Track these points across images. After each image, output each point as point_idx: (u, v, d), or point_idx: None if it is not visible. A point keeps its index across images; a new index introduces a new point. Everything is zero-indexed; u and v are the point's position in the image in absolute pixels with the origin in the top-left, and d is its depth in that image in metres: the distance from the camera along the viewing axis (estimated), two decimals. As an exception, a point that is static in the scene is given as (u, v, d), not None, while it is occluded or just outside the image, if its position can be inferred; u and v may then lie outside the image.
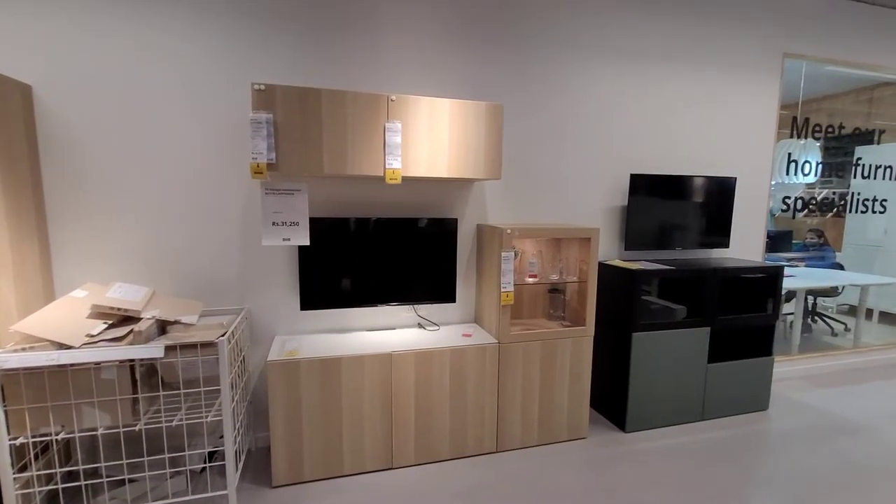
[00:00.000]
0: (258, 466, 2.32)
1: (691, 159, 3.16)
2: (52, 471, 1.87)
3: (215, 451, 2.29)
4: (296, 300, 2.49)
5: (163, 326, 1.98)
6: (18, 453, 1.78)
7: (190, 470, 2.16)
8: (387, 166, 2.14)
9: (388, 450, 2.29)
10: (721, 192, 3.08)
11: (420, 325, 2.69)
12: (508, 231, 2.35)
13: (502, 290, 2.39)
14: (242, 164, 2.32)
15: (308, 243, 2.27)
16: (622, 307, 2.67)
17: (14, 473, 1.70)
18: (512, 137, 2.75)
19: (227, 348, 1.88)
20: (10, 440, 1.67)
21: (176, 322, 1.97)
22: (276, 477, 2.14)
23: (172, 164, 2.24)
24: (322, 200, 2.46)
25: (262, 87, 1.97)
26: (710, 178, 3.04)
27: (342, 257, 2.41)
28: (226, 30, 2.23)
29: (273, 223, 2.20)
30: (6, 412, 1.66)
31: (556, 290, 2.77)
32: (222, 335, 1.88)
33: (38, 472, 1.85)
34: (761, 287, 3.00)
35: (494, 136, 2.32)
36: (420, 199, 2.62)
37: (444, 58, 2.55)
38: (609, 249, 3.06)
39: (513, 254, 2.39)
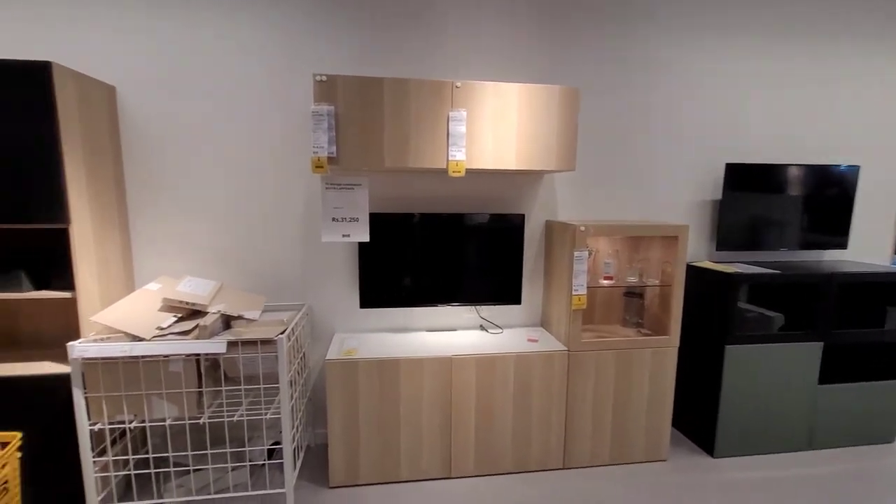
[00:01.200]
0: (316, 464, 2.30)
1: (801, 146, 2.72)
2: (127, 457, 1.95)
3: (275, 448, 2.29)
4: (355, 297, 2.44)
5: (227, 321, 1.99)
6: (98, 439, 1.87)
7: (251, 464, 2.17)
8: (450, 158, 2.00)
9: (447, 458, 2.17)
10: (839, 184, 2.62)
11: (482, 328, 2.54)
12: (582, 228, 2.13)
13: (574, 292, 2.17)
14: (305, 159, 2.29)
15: (368, 240, 2.20)
16: (713, 315, 2.35)
17: (93, 457, 1.78)
18: (587, 124, 2.50)
19: (287, 346, 1.85)
20: (89, 425, 1.74)
21: (239, 317, 1.97)
22: (333, 478, 2.10)
23: (239, 160, 2.25)
24: (382, 195, 2.38)
25: (324, 78, 1.90)
26: (825, 168, 2.59)
27: (402, 254, 2.31)
28: (287, 20, 2.19)
29: (333, 219, 2.15)
30: (86, 399, 1.73)
31: (633, 293, 2.49)
32: (281, 333, 1.85)
33: (115, 458, 1.93)
34: (889, 297, 2.51)
35: (569, 124, 2.10)
36: (485, 193, 2.45)
37: (512, 40, 2.36)
38: (696, 249, 2.72)
39: (586, 253, 2.16)
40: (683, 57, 2.52)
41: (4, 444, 1.60)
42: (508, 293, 2.43)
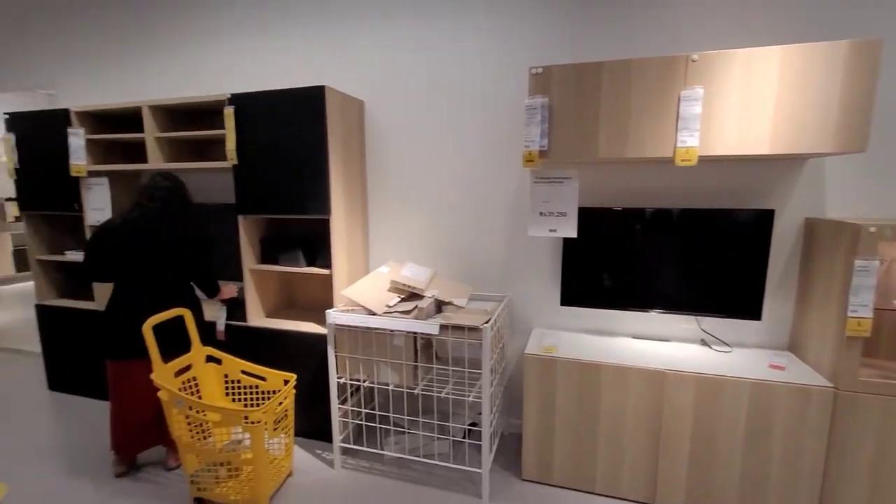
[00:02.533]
0: (509, 452, 2.35)
1: None
2: (360, 409, 2.35)
3: (472, 429, 2.43)
4: (556, 294, 2.37)
5: (439, 305, 2.18)
6: (341, 390, 2.29)
7: (453, 439, 2.36)
8: (678, 144, 1.73)
9: (652, 483, 1.93)
10: None
11: (703, 342, 2.16)
12: (872, 229, 1.58)
13: (850, 314, 1.64)
14: (515, 153, 2.33)
15: (575, 235, 2.10)
16: None
17: (339, 404, 2.19)
18: (885, 88, 1.85)
19: (490, 335, 1.92)
20: (337, 378, 2.15)
21: (449, 303, 2.14)
22: (526, 471, 2.10)
23: (456, 158, 2.43)
24: (592, 188, 2.24)
25: (540, 70, 1.87)
26: None
27: (611, 252, 2.14)
28: (500, 16, 2.24)
29: (540, 213, 2.12)
30: (336, 357, 2.14)
31: (956, 324, 1.75)
32: (486, 322, 1.92)
33: (351, 408, 2.34)
34: None
35: (860, 89, 1.57)
36: (718, 184, 2.06)
37: (769, -7, 1.90)
38: None
39: (876, 263, 1.60)
40: None
41: (286, 382, 2.11)
42: (744, 305, 2.00)
